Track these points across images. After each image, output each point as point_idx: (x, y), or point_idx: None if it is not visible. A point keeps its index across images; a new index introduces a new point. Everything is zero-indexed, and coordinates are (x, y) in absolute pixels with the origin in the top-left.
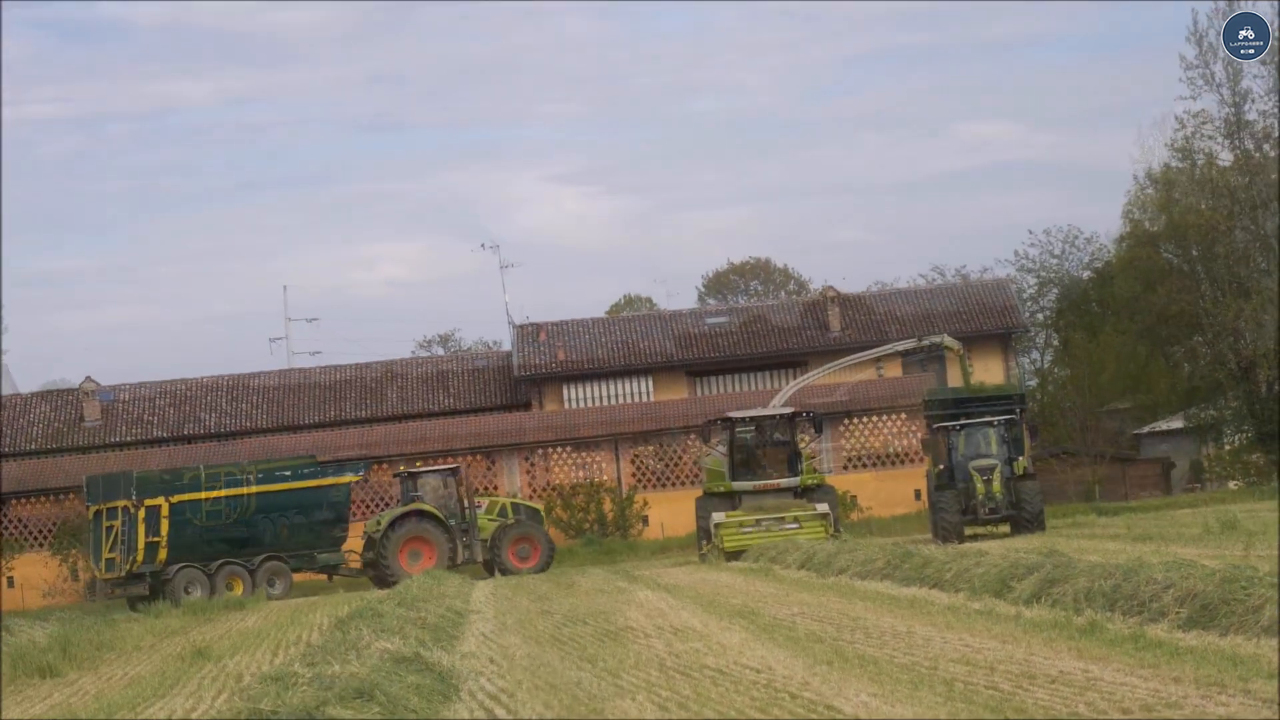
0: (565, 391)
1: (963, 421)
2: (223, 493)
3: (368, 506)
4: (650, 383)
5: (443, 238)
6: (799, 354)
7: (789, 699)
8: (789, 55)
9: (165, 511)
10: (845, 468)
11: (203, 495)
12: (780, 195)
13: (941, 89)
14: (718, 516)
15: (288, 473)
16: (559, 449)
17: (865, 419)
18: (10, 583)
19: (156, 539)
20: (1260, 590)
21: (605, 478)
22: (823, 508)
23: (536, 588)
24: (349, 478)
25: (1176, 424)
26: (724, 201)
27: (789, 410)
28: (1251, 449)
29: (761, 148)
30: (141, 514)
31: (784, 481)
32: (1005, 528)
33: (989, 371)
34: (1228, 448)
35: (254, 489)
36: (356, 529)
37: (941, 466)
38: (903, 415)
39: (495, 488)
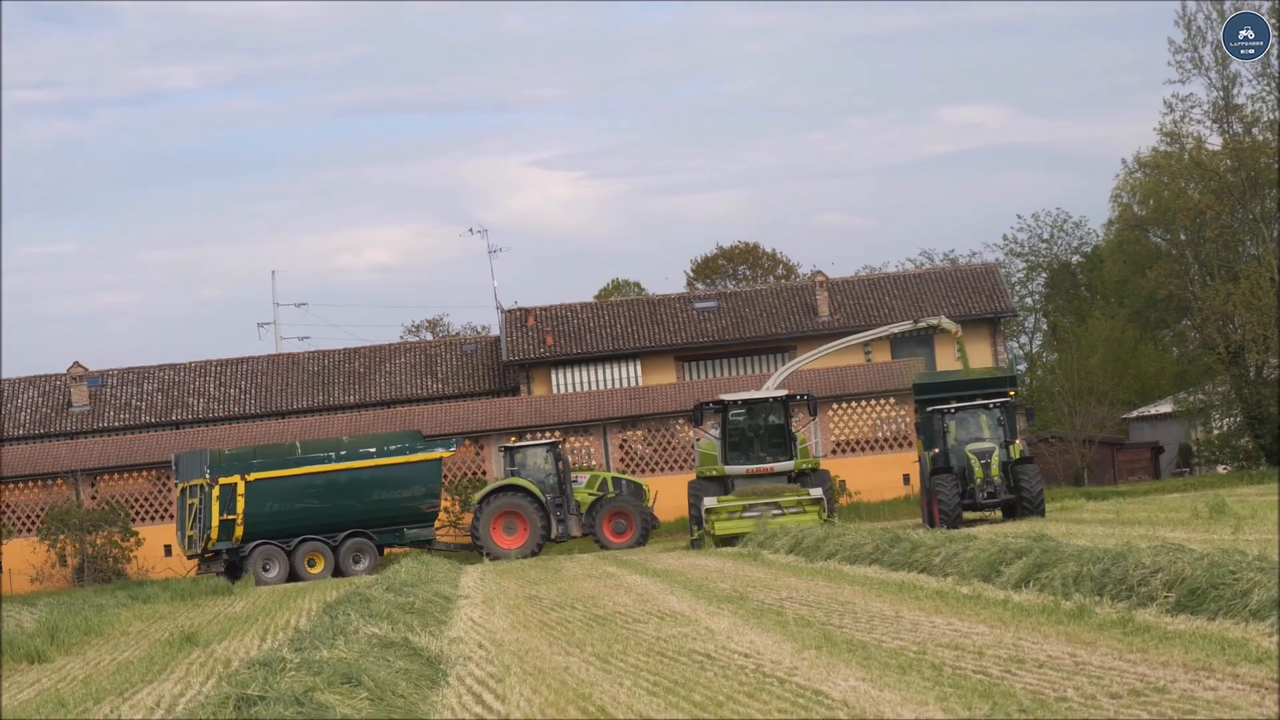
0: (554, 376)
1: (958, 405)
2: (303, 470)
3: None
4: (638, 368)
5: (430, 223)
6: (787, 339)
7: (777, 684)
8: (775, 39)
9: (241, 489)
10: (833, 452)
11: (281, 473)
12: (768, 180)
13: (927, 73)
14: (709, 501)
15: (373, 449)
16: (547, 434)
17: (853, 404)
18: None
19: (232, 516)
20: (1249, 574)
21: (594, 463)
22: (816, 492)
23: (525, 573)
24: (439, 453)
25: (1165, 408)
26: (712, 186)
27: (783, 393)
28: (1240, 433)
29: (749, 132)
30: (216, 492)
31: (778, 466)
32: (997, 513)
33: (977, 355)
34: (1216, 432)
35: (337, 466)
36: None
37: (936, 450)
38: (891, 400)
39: (484, 472)
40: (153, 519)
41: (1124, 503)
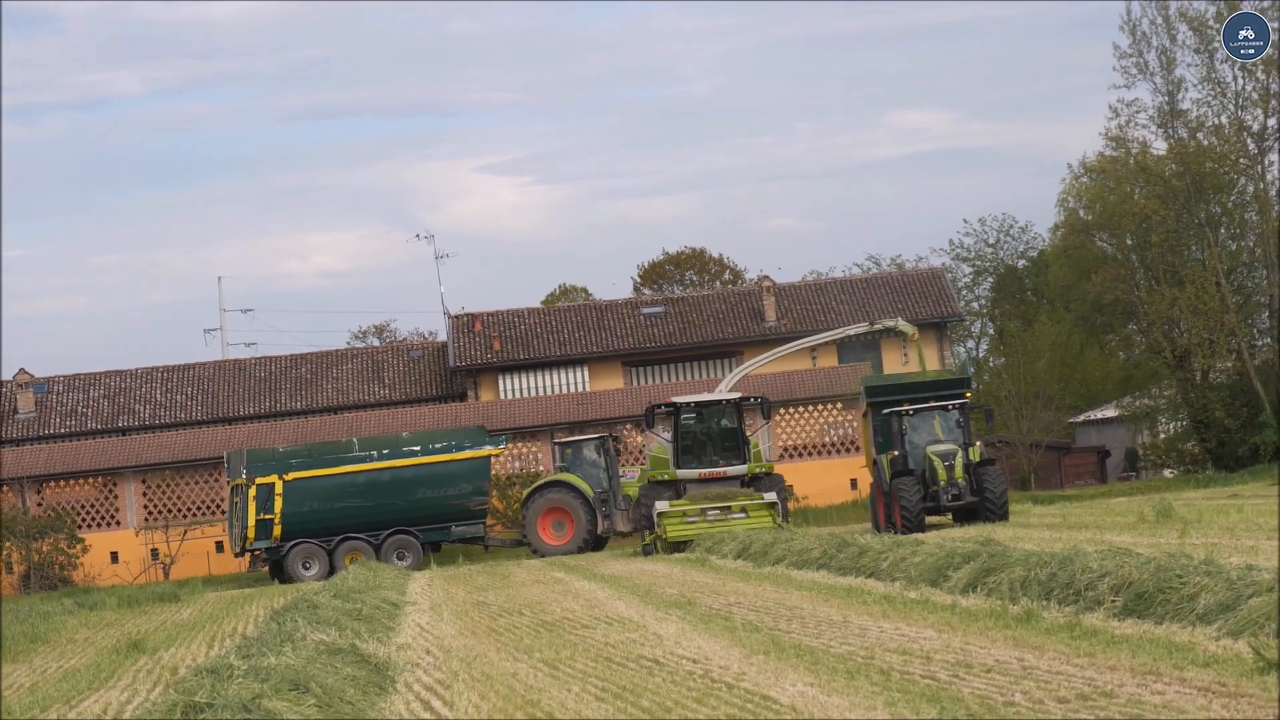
0: (501, 382)
1: (916, 406)
2: (342, 469)
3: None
4: (586, 373)
5: (378, 228)
6: (734, 344)
7: (725, 689)
8: (723, 43)
9: (279, 489)
10: (780, 457)
11: (320, 472)
12: (715, 184)
13: (875, 77)
14: (661, 506)
15: (417, 448)
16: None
17: (800, 408)
18: None
19: (269, 516)
20: (1195, 578)
21: (541, 468)
22: (770, 496)
23: (473, 579)
24: (487, 451)
25: (1111, 413)
26: (659, 191)
27: (736, 395)
28: (1186, 437)
29: (696, 136)
30: (252, 491)
31: (731, 470)
32: (947, 517)
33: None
34: (1163, 436)
35: (378, 465)
36: None
37: (896, 453)
38: (838, 405)
39: None
40: (99, 526)
41: (1070, 507)
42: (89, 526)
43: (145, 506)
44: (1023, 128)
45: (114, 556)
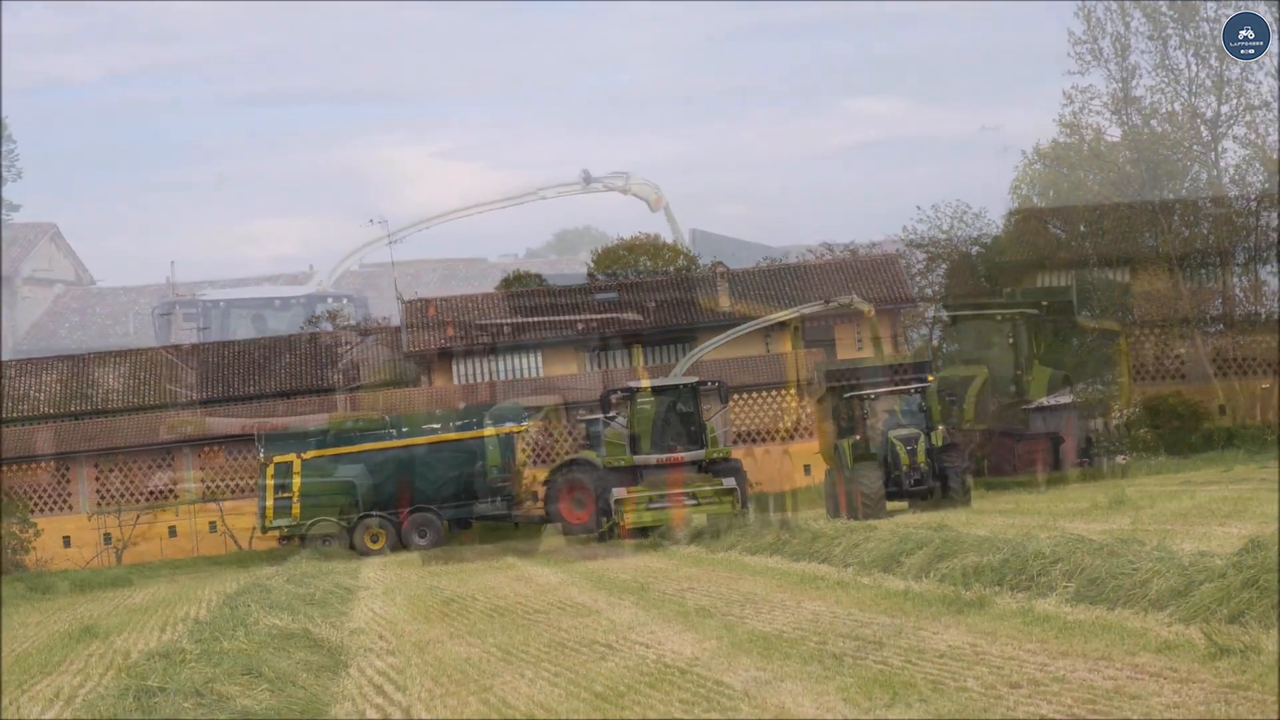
0: (455, 367)
1: (878, 390)
2: (361, 448)
3: None
4: (540, 358)
5: (331, 213)
6: (688, 329)
7: (679, 674)
8: (676, 29)
9: (297, 467)
10: (734, 442)
11: (338, 451)
12: (669, 170)
13: (829, 64)
14: (618, 492)
15: (436, 425)
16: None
17: (753, 394)
18: None
19: (287, 495)
20: (1147, 564)
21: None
22: (729, 482)
23: (427, 564)
24: (509, 428)
25: (1065, 399)
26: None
27: (694, 379)
28: (1140, 424)
29: (649, 123)
30: (270, 470)
31: (688, 455)
32: (904, 504)
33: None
34: (1116, 423)
35: (397, 443)
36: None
37: (858, 437)
38: (791, 390)
39: None
40: (52, 510)
41: (1023, 493)
42: (41, 510)
43: (98, 491)
44: (976, 115)
45: (66, 541)
